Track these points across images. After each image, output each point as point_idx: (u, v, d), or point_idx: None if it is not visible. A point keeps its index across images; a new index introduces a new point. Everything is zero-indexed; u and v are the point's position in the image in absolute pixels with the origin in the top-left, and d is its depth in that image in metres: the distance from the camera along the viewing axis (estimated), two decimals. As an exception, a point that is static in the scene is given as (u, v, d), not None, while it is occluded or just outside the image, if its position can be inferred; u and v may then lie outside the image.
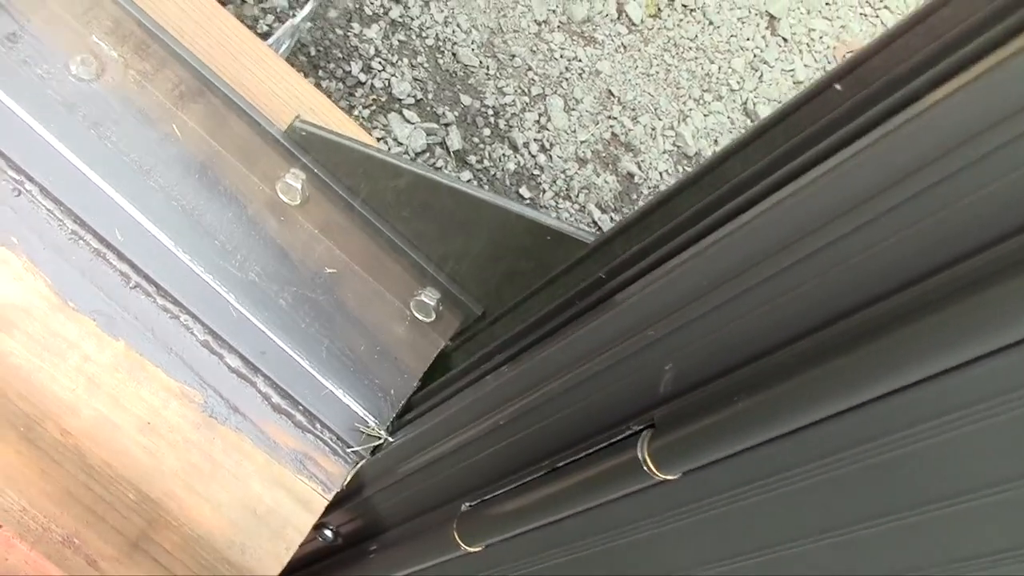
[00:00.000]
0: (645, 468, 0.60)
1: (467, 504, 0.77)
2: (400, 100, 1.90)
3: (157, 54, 0.85)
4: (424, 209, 0.82)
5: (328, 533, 0.92)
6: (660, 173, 2.14)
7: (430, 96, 1.94)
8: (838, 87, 0.53)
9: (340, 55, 1.87)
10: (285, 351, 0.81)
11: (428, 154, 1.85)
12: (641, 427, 0.61)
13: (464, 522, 0.76)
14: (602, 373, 0.62)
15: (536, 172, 1.99)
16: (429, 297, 0.85)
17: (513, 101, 2.04)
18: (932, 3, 0.49)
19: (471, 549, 0.77)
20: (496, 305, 0.84)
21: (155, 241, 0.80)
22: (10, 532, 1.06)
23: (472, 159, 1.93)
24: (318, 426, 0.80)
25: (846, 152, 0.47)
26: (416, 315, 0.86)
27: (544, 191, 1.98)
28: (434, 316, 0.86)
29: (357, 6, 1.89)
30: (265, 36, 1.46)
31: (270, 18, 1.80)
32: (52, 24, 0.83)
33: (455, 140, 1.91)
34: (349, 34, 1.88)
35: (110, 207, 0.79)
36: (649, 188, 2.10)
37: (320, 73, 1.78)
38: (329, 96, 1.61)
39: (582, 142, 2.07)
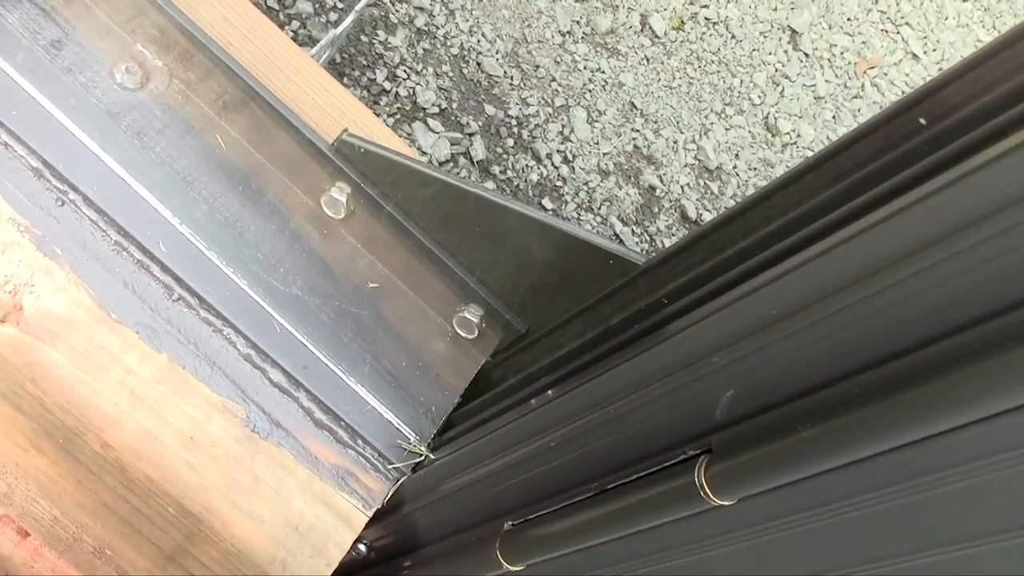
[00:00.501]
0: (702, 493, 0.59)
1: (510, 523, 0.76)
2: (424, 109, 1.89)
3: (202, 63, 0.85)
4: (469, 226, 0.81)
5: (362, 547, 0.91)
6: (681, 187, 2.13)
7: (454, 105, 1.93)
8: (922, 120, 0.52)
9: (365, 63, 1.87)
10: (328, 366, 0.80)
11: (452, 164, 1.85)
12: (698, 452, 0.61)
13: (507, 541, 0.75)
14: (660, 398, 0.62)
15: (559, 184, 1.98)
16: (472, 314, 0.84)
17: (537, 112, 2.03)
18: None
19: (513, 568, 0.76)
20: (540, 324, 0.83)
21: (198, 253, 0.79)
22: (39, 541, 1.05)
23: (496, 169, 1.92)
24: (360, 442, 0.79)
25: (930, 185, 0.46)
26: (459, 331, 0.85)
27: (567, 203, 1.97)
28: (476, 333, 0.85)
29: (383, 14, 1.89)
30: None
31: (295, 24, 1.80)
32: (97, 31, 0.82)
33: (479, 150, 1.90)
34: (375, 41, 1.88)
35: (153, 218, 0.78)
36: (670, 201, 2.10)
37: (345, 80, 1.78)
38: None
39: (604, 154, 2.07)
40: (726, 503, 0.59)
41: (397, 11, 1.93)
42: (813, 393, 0.55)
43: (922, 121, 0.52)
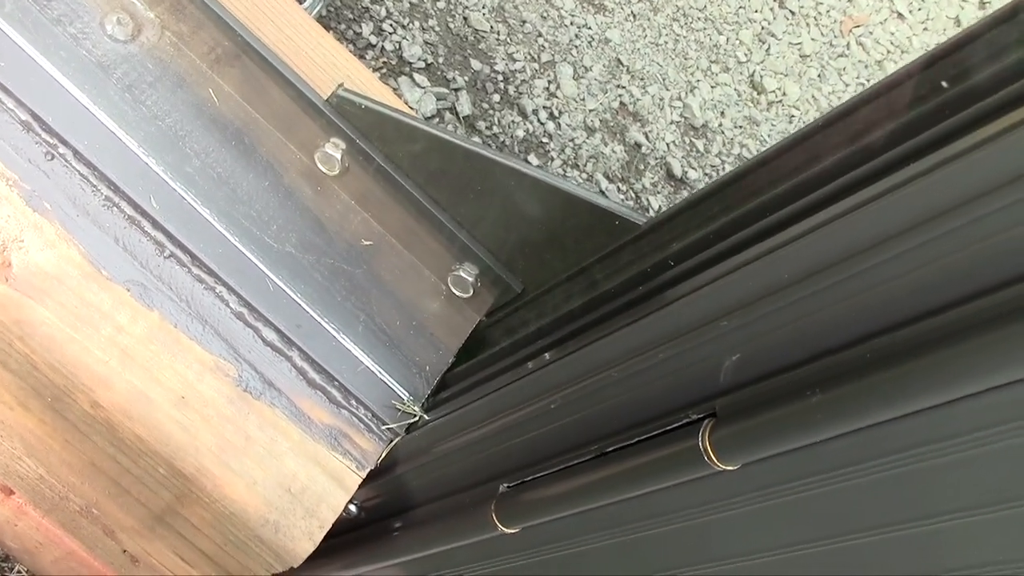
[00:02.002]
0: (705, 458, 0.59)
1: (506, 485, 0.76)
2: (411, 64, 1.86)
3: (194, 15, 0.83)
4: (465, 183, 0.80)
5: (352, 508, 0.91)
6: (667, 144, 2.12)
7: (441, 60, 1.91)
8: (943, 83, 0.51)
9: (351, 16, 1.84)
10: (321, 324, 0.79)
11: (438, 119, 1.83)
12: (701, 416, 0.60)
13: (503, 503, 0.75)
14: (665, 362, 0.61)
15: (545, 140, 1.97)
16: (467, 272, 0.83)
17: (523, 67, 2.01)
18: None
19: (508, 530, 0.76)
20: (537, 283, 0.82)
21: (190, 209, 0.77)
22: (23, 499, 1.04)
23: (481, 125, 1.90)
24: (353, 402, 0.79)
25: (949, 149, 0.46)
26: (453, 290, 0.84)
27: (552, 159, 1.96)
28: (471, 292, 0.84)
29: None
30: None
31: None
32: (86, -20, 0.80)
33: (465, 105, 1.88)
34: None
35: (145, 173, 0.77)
36: (656, 159, 2.09)
37: (331, 34, 1.75)
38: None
39: (591, 111, 2.05)
40: (730, 468, 0.59)
41: (383, -37, 1.90)
42: (822, 358, 0.54)
43: (944, 84, 0.51)
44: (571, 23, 2.12)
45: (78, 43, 0.78)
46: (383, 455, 0.79)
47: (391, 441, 0.79)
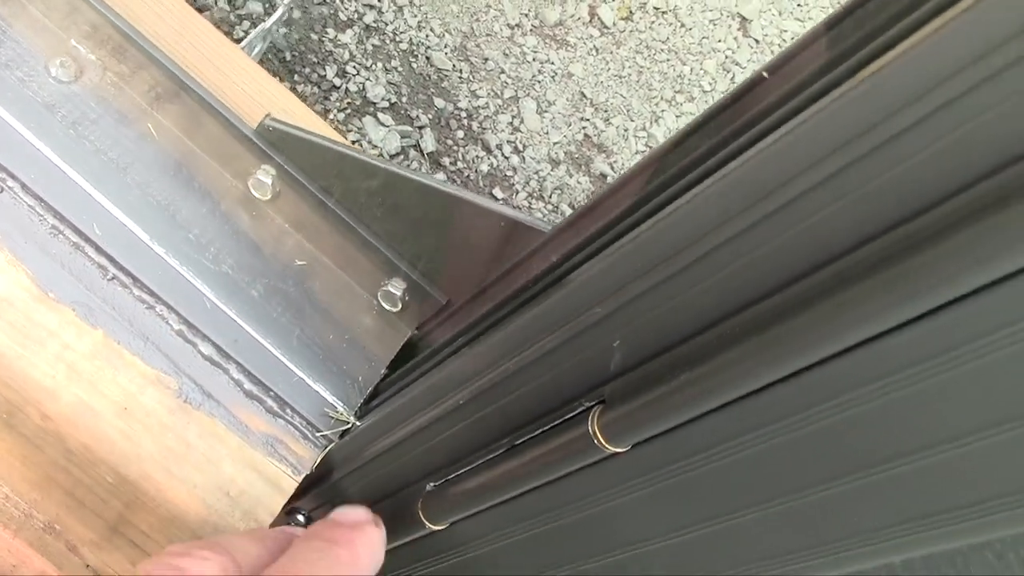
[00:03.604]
0: (595, 442, 0.64)
1: (431, 484, 0.81)
2: (375, 103, 1.94)
3: (134, 57, 0.89)
4: (389, 203, 0.86)
5: (300, 518, 0.95)
6: (632, 174, 2.18)
7: (404, 99, 1.98)
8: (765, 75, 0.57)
9: (315, 59, 1.91)
10: (257, 340, 0.84)
11: (402, 156, 1.89)
12: (593, 403, 0.65)
13: (428, 501, 0.80)
14: (556, 351, 0.66)
15: (509, 173, 2.03)
16: (395, 287, 0.89)
17: (486, 104, 2.08)
18: None
19: (435, 527, 0.81)
20: (459, 294, 0.88)
21: (132, 235, 0.83)
22: (-7, 520, 1.09)
23: (446, 160, 1.97)
24: (288, 411, 0.84)
25: (804, 115, 0.51)
26: (384, 305, 0.90)
27: (517, 192, 2.02)
28: (400, 306, 0.90)
29: (332, 12, 1.93)
30: (240, 41, 1.50)
31: (246, 24, 1.84)
32: (33, 29, 0.86)
33: (429, 142, 1.95)
34: (324, 39, 1.92)
35: (88, 203, 0.82)
36: (621, 188, 2.14)
37: (296, 77, 1.83)
38: (304, 100, 1.65)
39: (555, 143, 2.12)
40: (620, 450, 0.64)
41: (346, 9, 1.98)
42: (691, 339, 0.59)
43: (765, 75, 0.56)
44: (533, 59, 2.19)
45: (24, 85, 0.84)
46: (318, 461, 0.84)
47: (325, 447, 0.84)
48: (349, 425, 0.85)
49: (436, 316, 0.90)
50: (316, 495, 0.93)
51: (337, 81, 1.84)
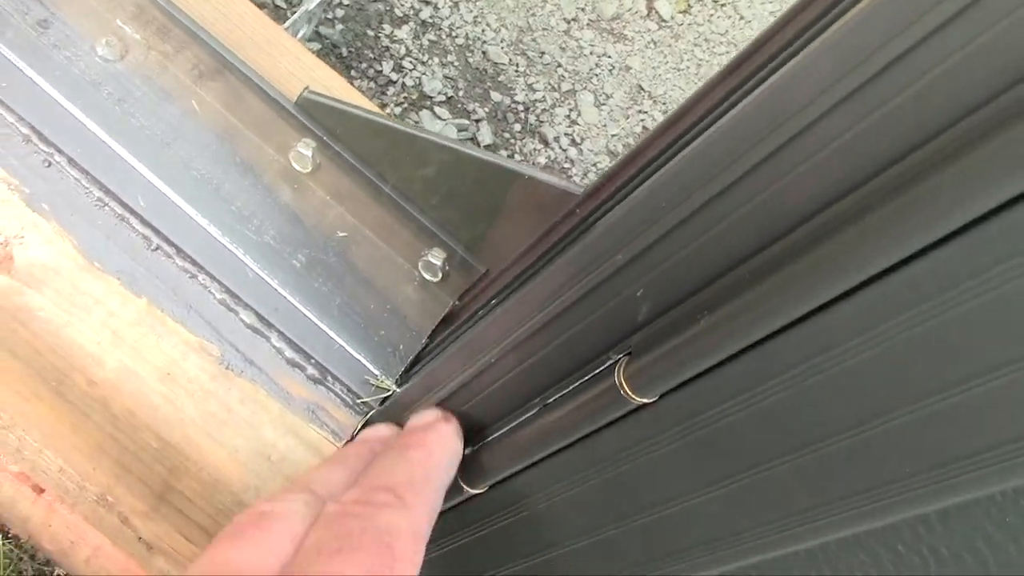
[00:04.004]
0: (623, 393, 0.64)
1: (468, 448, 0.81)
2: (431, 97, 1.95)
3: (178, 36, 0.91)
4: (428, 173, 0.87)
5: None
6: (692, 166, 2.16)
7: (460, 93, 1.99)
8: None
9: (372, 55, 1.94)
10: (298, 308, 0.85)
11: (460, 149, 1.91)
12: (620, 355, 0.65)
13: (466, 465, 0.80)
14: (581, 302, 0.66)
15: (567, 165, 2.03)
16: (435, 257, 0.89)
17: (543, 97, 2.08)
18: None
19: (474, 491, 0.81)
20: (498, 263, 0.88)
21: (175, 207, 0.85)
22: (52, 496, 1.12)
23: (503, 153, 1.97)
24: (329, 379, 0.85)
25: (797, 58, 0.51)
26: (424, 275, 0.91)
27: (575, 184, 2.02)
28: (440, 276, 0.90)
29: (388, 8, 1.96)
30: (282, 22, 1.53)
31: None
32: (80, 11, 0.89)
33: (486, 135, 1.96)
34: (380, 35, 1.94)
35: (133, 176, 0.84)
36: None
37: (352, 72, 1.85)
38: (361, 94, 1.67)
39: (613, 136, 2.11)
40: (647, 400, 0.64)
41: (402, 5, 2.00)
42: (710, 284, 0.59)
43: None
44: (591, 53, 2.19)
45: (72, 64, 0.86)
46: (359, 427, 0.85)
47: (366, 414, 0.85)
48: (390, 392, 0.85)
49: (476, 285, 0.90)
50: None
51: (394, 76, 1.86)
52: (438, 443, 0.73)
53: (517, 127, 1.94)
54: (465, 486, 0.80)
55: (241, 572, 0.56)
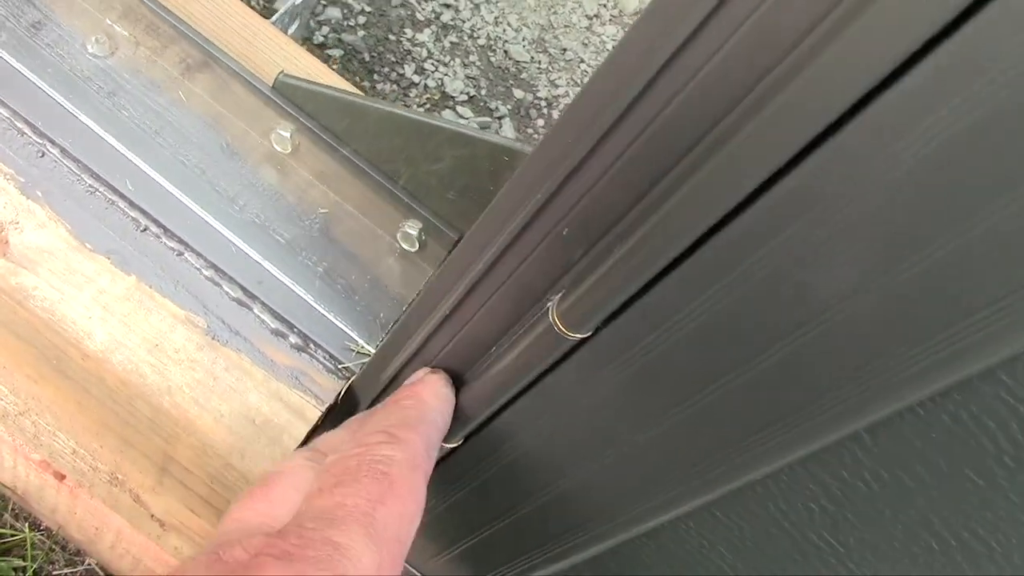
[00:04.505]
0: (558, 331, 0.66)
1: (442, 402, 0.84)
2: (453, 97, 1.99)
3: (166, 33, 0.96)
4: (401, 145, 0.90)
5: (346, 459, 1.00)
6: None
7: (483, 92, 2.03)
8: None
9: (393, 59, 1.98)
10: (281, 281, 0.90)
11: (482, 146, 1.94)
12: (556, 296, 0.68)
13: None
14: (515, 246, 0.69)
15: (592, 158, 2.06)
16: (412, 228, 0.93)
17: (566, 92, 2.11)
18: None
19: (451, 445, 0.84)
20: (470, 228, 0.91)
21: (163, 190, 0.90)
22: (72, 482, 1.17)
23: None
24: (312, 346, 0.89)
25: None
26: (403, 246, 0.94)
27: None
28: (418, 246, 0.94)
29: (409, 13, 2.01)
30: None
31: (325, 29, 1.92)
32: (71, 12, 0.95)
33: (508, 131, 1.99)
34: (402, 39, 1.99)
35: (122, 163, 0.90)
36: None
37: (375, 76, 1.90)
38: (384, 97, 1.73)
39: (638, 128, 2.13)
40: (583, 335, 0.66)
41: (423, 9, 2.05)
42: (624, 216, 0.61)
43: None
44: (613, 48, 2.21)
45: (63, 61, 0.92)
46: (343, 391, 0.88)
47: (348, 379, 0.89)
48: (370, 358, 0.89)
49: (450, 252, 0.94)
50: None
51: (416, 78, 1.91)
52: (427, 390, 0.77)
53: (540, 122, 1.97)
54: (442, 443, 0.83)
55: (253, 524, 0.60)
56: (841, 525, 0.71)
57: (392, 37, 1.97)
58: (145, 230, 0.88)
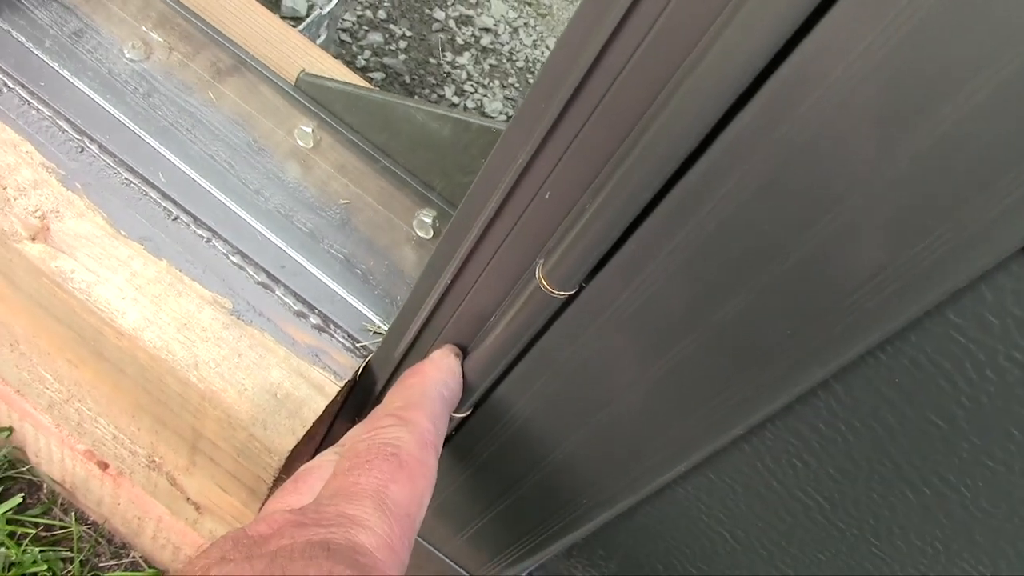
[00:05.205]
0: (544, 290, 0.71)
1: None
2: (492, 117, 2.05)
3: (198, 39, 1.03)
4: (416, 136, 0.96)
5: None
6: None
7: (521, 112, 2.08)
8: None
9: (434, 81, 2.05)
10: (303, 266, 0.95)
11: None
12: (542, 259, 0.72)
13: (447, 391, 0.87)
14: (503, 212, 0.73)
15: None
16: (427, 216, 0.98)
17: (603, 111, 2.16)
18: None
19: (461, 415, 0.88)
20: (480, 215, 0.96)
21: (193, 183, 0.96)
22: (114, 471, 1.23)
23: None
24: (332, 326, 0.94)
25: None
26: (418, 233, 0.99)
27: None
28: (433, 233, 0.99)
29: (449, 38, 2.08)
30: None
31: (367, 53, 1.98)
32: (110, 20, 1.02)
33: (546, 149, 2.04)
34: (442, 62, 2.06)
35: (156, 158, 0.96)
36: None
37: (415, 98, 1.97)
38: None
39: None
40: (569, 293, 0.70)
41: (463, 33, 2.12)
42: (595, 178, 0.65)
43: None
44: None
45: (102, 64, 0.99)
46: (360, 368, 0.93)
47: (366, 357, 0.93)
48: (385, 335, 0.94)
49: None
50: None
51: (455, 99, 1.97)
52: (430, 365, 0.82)
53: (578, 141, 2.03)
54: (451, 412, 0.87)
55: (281, 509, 0.66)
56: (824, 480, 0.73)
57: (432, 60, 2.04)
58: (176, 219, 0.94)
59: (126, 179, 0.94)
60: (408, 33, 2.03)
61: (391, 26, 2.00)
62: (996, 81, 0.43)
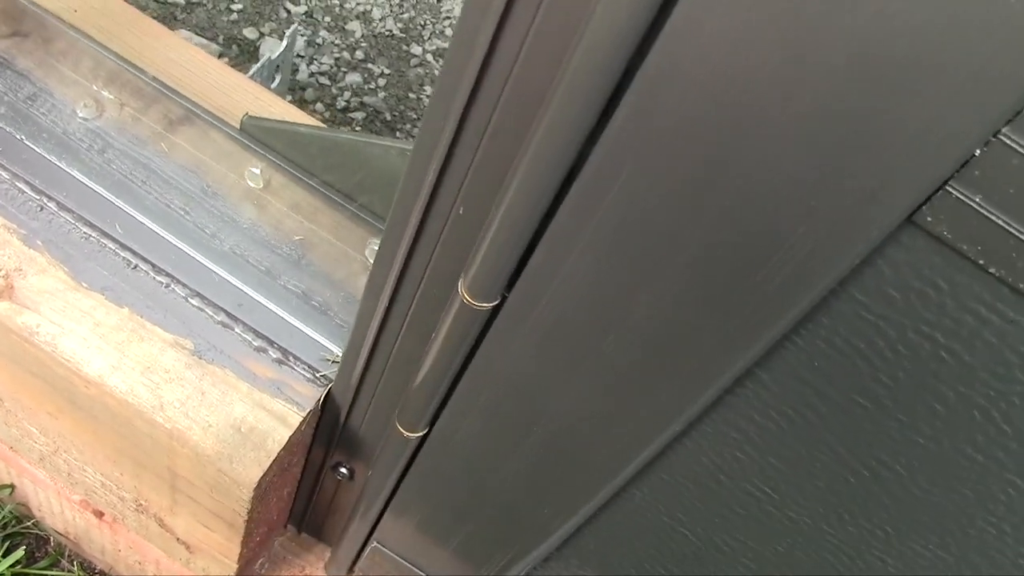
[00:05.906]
0: (468, 304, 0.73)
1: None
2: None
3: (148, 93, 1.07)
4: (356, 168, 0.98)
5: (343, 471, 1.07)
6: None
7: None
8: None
9: (415, 116, 2.09)
10: (260, 303, 0.98)
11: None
12: (464, 274, 0.74)
13: (403, 409, 0.89)
14: (424, 229, 0.76)
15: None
16: (378, 245, 1.01)
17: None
18: None
19: (416, 435, 0.90)
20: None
21: (150, 232, 0.99)
22: (109, 518, 1.26)
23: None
24: (291, 359, 0.96)
25: None
26: (372, 262, 1.02)
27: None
28: (385, 261, 1.01)
29: (427, 72, 2.11)
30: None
31: (347, 93, 2.00)
32: (63, 83, 1.06)
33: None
34: (422, 97, 2.10)
35: (113, 211, 1.00)
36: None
37: (397, 134, 2.00)
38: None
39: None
40: (493, 304, 0.73)
41: (441, 67, 2.15)
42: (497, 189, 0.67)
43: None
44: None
45: (56, 125, 1.03)
46: (322, 397, 0.96)
47: (326, 385, 0.96)
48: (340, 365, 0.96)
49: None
50: (345, 444, 1.04)
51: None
52: None
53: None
54: (405, 432, 0.90)
55: None
56: (768, 471, 0.75)
57: (412, 95, 2.08)
58: (135, 267, 0.97)
59: (85, 233, 0.98)
60: (386, 71, 2.07)
61: (369, 65, 2.04)
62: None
